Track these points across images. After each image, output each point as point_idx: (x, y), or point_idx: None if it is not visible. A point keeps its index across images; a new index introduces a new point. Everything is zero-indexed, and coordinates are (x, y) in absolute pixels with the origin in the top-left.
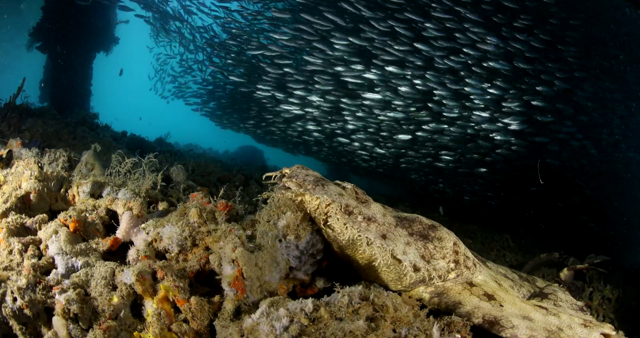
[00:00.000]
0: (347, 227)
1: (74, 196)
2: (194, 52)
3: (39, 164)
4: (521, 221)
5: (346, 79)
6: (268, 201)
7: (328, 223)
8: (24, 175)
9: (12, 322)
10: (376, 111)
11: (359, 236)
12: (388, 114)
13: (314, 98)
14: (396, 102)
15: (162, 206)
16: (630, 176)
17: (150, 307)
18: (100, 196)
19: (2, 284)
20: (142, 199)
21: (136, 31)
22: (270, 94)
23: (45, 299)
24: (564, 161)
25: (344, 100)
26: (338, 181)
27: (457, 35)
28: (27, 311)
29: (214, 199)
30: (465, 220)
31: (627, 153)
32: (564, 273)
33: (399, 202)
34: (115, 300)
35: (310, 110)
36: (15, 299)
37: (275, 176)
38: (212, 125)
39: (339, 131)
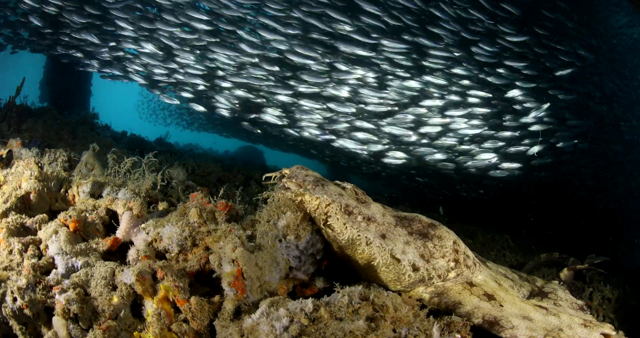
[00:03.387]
0: (346, 227)
1: (74, 196)
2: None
3: (39, 164)
4: (522, 221)
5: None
6: (268, 201)
7: (328, 223)
8: (24, 175)
9: (12, 322)
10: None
11: (359, 236)
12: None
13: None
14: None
15: (162, 206)
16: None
17: (150, 307)
18: (100, 196)
19: (2, 284)
20: (142, 199)
21: None
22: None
23: (45, 299)
24: (564, 161)
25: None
26: (338, 182)
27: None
28: (27, 311)
29: (214, 199)
30: (465, 220)
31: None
32: (564, 273)
33: (399, 202)
34: (115, 300)
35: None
36: (15, 299)
37: (275, 176)
38: None
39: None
